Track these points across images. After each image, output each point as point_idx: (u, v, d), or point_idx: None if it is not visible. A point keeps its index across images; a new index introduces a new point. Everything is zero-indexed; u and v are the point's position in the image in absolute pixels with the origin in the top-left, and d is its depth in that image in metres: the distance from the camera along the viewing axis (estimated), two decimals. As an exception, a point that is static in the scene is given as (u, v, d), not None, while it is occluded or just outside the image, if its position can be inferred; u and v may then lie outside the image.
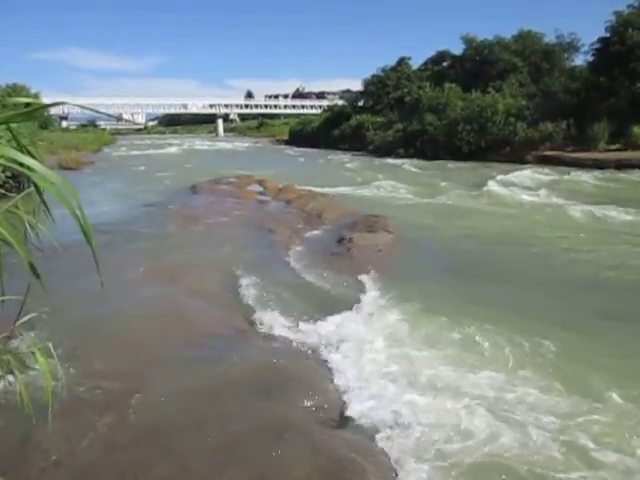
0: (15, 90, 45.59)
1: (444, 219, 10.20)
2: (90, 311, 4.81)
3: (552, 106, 28.33)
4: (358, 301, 5.10)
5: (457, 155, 28.09)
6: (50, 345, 1.87)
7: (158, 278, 6.01)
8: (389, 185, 15.22)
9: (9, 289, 1.39)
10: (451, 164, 25.28)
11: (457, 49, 43.69)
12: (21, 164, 1.05)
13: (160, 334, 4.54)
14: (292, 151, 41.74)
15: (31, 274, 1.30)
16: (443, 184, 15.73)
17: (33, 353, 1.72)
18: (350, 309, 4.88)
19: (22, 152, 1.13)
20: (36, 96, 48.18)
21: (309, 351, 4.15)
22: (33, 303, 1.69)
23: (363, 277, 5.90)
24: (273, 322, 4.63)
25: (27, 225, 1.73)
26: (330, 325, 4.51)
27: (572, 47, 36.68)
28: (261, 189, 13.54)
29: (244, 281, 5.70)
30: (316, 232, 8.65)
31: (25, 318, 2.12)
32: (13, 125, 1.43)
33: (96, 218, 9.67)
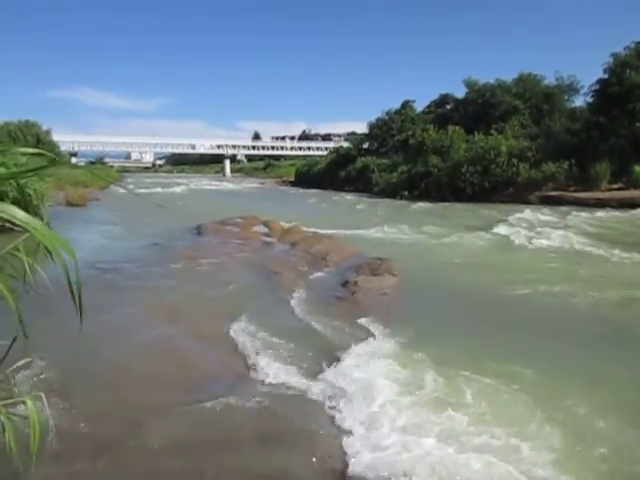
0: (27, 126, 46.64)
1: (449, 261, 10.16)
2: (86, 352, 4.75)
3: (554, 146, 28.71)
4: (362, 347, 5.01)
5: (461, 196, 28.31)
6: (42, 394, 1.85)
7: (159, 318, 5.98)
8: (394, 227, 15.27)
9: (10, 328, 1.38)
10: (455, 205, 25.42)
11: (460, 92, 44.73)
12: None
13: (158, 377, 4.48)
14: (298, 192, 42.13)
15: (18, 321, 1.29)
16: (447, 226, 15.77)
17: (24, 402, 1.69)
18: (354, 355, 4.79)
19: (27, 204, 1.15)
20: (47, 133, 49.33)
21: (311, 399, 4.06)
22: (29, 344, 1.68)
23: (367, 322, 5.82)
24: (274, 368, 4.54)
25: (27, 267, 1.73)
26: (333, 372, 4.41)
27: (572, 89, 37.50)
28: (266, 230, 13.59)
29: (246, 324, 5.65)
30: (321, 275, 8.62)
31: (19, 363, 2.10)
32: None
33: (100, 256, 9.75)
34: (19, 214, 1.00)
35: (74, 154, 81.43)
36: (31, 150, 1.37)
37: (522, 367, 4.53)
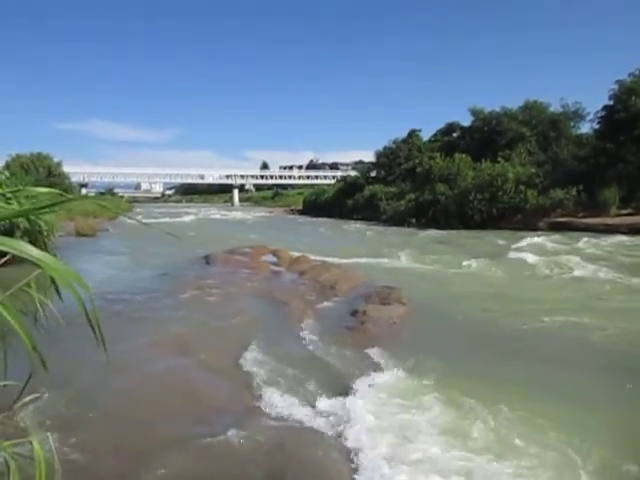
0: (39, 158, 47.50)
1: (459, 289, 10.09)
2: (94, 385, 4.72)
3: (561, 173, 28.77)
4: (372, 379, 4.93)
5: (469, 224, 28.28)
6: (49, 434, 1.82)
7: (167, 350, 5.95)
8: (402, 255, 15.22)
9: (17, 362, 1.37)
10: (464, 233, 25.35)
11: (466, 121, 45.09)
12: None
13: (167, 410, 4.43)
14: (306, 221, 42.30)
15: (35, 357, 1.28)
16: (457, 253, 15.70)
17: (30, 442, 1.67)
18: (364, 387, 4.72)
19: (37, 235, 1.17)
20: (59, 165, 50.19)
21: (321, 432, 3.98)
22: (37, 378, 1.66)
23: (377, 353, 5.75)
24: (283, 400, 4.48)
25: (38, 304, 1.73)
26: (343, 404, 4.34)
27: (577, 115, 37.71)
28: (275, 259, 13.59)
29: (255, 355, 5.60)
30: (329, 304, 8.57)
31: (27, 399, 2.07)
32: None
33: (109, 286, 9.77)
34: (32, 251, 1.00)
35: (84, 185, 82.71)
36: (44, 190, 1.40)
37: (538, 403, 4.41)
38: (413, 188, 36.66)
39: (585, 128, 36.77)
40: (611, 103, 28.47)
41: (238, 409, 4.46)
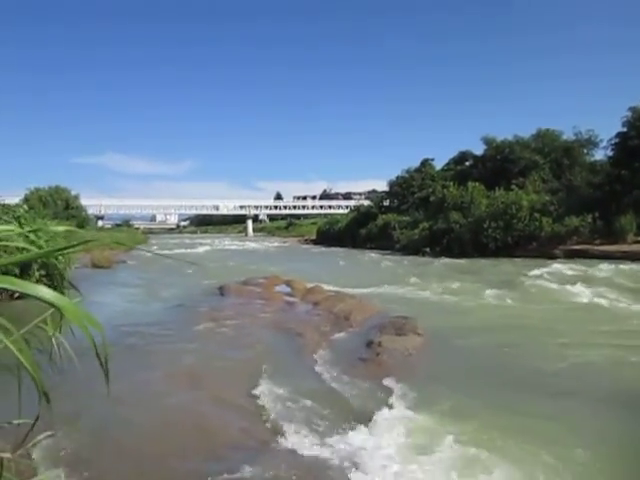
0: (57, 192, 48.66)
1: (475, 319, 9.95)
2: (107, 420, 4.68)
3: (576, 200, 28.61)
4: (389, 413, 4.82)
5: (484, 252, 28.09)
6: (62, 472, 1.80)
7: (180, 383, 5.91)
8: (417, 284, 15.12)
9: (28, 399, 1.36)
10: (479, 261, 25.14)
11: (478, 149, 45.27)
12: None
13: (179, 445, 4.36)
14: (319, 250, 42.33)
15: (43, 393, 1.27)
16: (472, 282, 15.54)
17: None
18: (380, 422, 4.61)
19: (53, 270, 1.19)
20: (76, 197, 51.28)
21: (334, 469, 3.89)
22: (50, 414, 1.65)
23: (393, 386, 5.64)
24: (298, 435, 4.40)
25: (53, 340, 1.73)
26: (358, 440, 4.24)
27: (591, 143, 37.66)
28: (289, 290, 13.57)
29: (268, 388, 5.54)
30: (344, 335, 8.49)
31: (40, 437, 2.06)
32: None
33: (123, 318, 9.81)
34: (47, 294, 1.01)
35: (101, 217, 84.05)
36: (62, 228, 1.42)
37: (563, 445, 4.22)
38: (427, 217, 36.63)
39: (599, 155, 36.72)
40: (625, 130, 28.45)
41: (252, 444, 4.39)
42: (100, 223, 78.46)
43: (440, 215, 33.70)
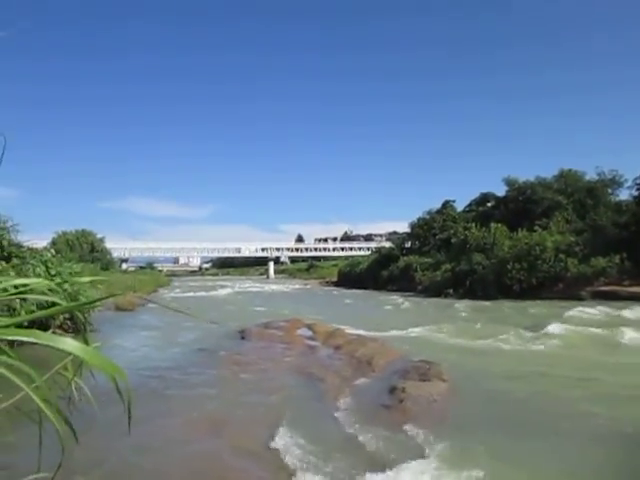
0: (84, 235, 49.98)
1: (501, 365, 9.67)
2: (127, 466, 4.62)
3: (602, 241, 28.16)
4: (413, 466, 4.65)
5: (508, 294, 27.62)
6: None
7: (201, 429, 5.82)
8: (440, 327, 14.84)
9: (50, 443, 1.34)
10: (503, 303, 24.70)
11: (500, 191, 45.21)
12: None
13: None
14: (341, 292, 42.10)
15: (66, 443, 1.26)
16: (497, 325, 15.21)
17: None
18: (404, 475, 4.45)
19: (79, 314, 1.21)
20: (101, 241, 52.43)
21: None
22: (71, 461, 1.63)
23: (417, 435, 5.46)
24: (319, 487, 4.27)
25: (73, 387, 1.73)
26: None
27: (615, 182, 37.37)
28: (310, 333, 13.44)
29: (289, 437, 5.40)
30: (366, 380, 8.31)
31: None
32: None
33: (145, 362, 9.80)
34: (71, 345, 1.02)
35: (125, 260, 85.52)
36: (87, 279, 1.46)
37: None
38: (449, 258, 36.37)
39: (623, 195, 36.33)
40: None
41: (272, 496, 4.26)
42: (124, 266, 79.71)
43: (462, 256, 33.44)
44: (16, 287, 1.32)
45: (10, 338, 0.99)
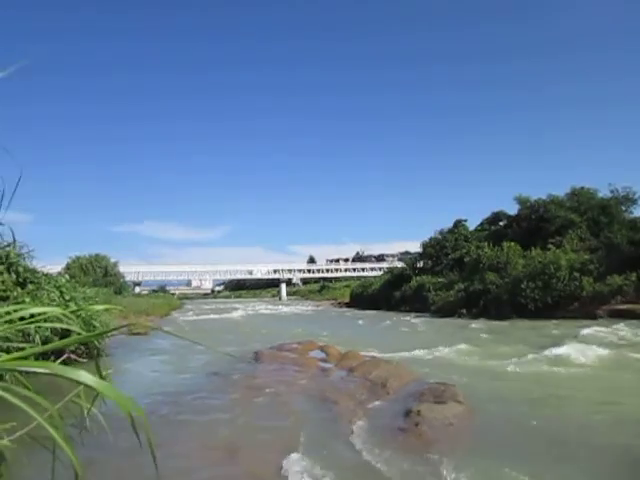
0: (97, 259, 50.44)
1: (518, 385, 9.49)
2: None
3: (617, 259, 27.83)
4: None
5: (523, 313, 27.31)
6: None
7: (213, 456, 5.76)
8: (454, 347, 14.65)
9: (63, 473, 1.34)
10: (518, 323, 24.40)
11: (512, 209, 45.02)
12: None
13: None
14: (353, 313, 41.87)
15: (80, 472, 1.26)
16: (512, 345, 15.01)
17: None
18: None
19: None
20: (115, 265, 52.82)
21: None
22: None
23: (434, 459, 5.36)
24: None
25: (85, 414, 1.73)
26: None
27: (628, 200, 37.04)
28: (323, 355, 13.35)
29: (303, 463, 5.31)
30: (381, 403, 8.20)
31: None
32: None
33: (158, 387, 9.76)
34: (86, 378, 1.02)
35: (138, 283, 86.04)
36: (101, 307, 1.48)
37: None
38: (462, 278, 36.11)
39: (638, 212, 35.99)
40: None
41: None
42: (137, 289, 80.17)
43: (475, 276, 33.18)
44: (32, 315, 1.34)
45: (24, 369, 1.00)
